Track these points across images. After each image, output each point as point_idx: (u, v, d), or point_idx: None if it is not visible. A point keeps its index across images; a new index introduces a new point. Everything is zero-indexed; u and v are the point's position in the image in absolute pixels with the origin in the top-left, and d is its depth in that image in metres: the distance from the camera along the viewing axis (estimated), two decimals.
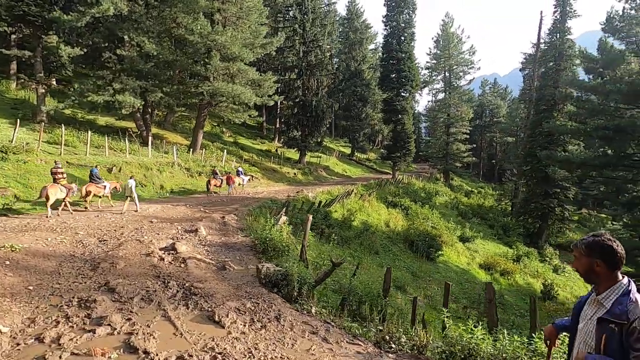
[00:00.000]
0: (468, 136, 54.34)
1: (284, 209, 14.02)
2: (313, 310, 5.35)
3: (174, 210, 13.69)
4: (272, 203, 16.89)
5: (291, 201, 18.15)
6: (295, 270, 5.89)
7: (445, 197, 37.67)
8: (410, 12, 37.64)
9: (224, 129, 42.24)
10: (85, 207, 12.25)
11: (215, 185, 18.89)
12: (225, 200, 17.26)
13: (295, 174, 32.75)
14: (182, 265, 6.85)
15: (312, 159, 40.46)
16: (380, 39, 76.72)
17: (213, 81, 22.68)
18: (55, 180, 10.90)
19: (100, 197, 12.97)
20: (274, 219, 9.52)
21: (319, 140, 39.88)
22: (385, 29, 38.80)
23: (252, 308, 5.02)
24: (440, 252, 19.52)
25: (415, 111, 73.52)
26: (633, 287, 1.87)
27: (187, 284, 5.78)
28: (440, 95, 56.06)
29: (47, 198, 10.16)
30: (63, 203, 11.02)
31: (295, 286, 5.76)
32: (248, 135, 45.19)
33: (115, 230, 9.57)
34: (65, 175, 11.49)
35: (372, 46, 60.86)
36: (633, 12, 15.26)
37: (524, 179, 33.22)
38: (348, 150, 58.36)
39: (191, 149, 24.30)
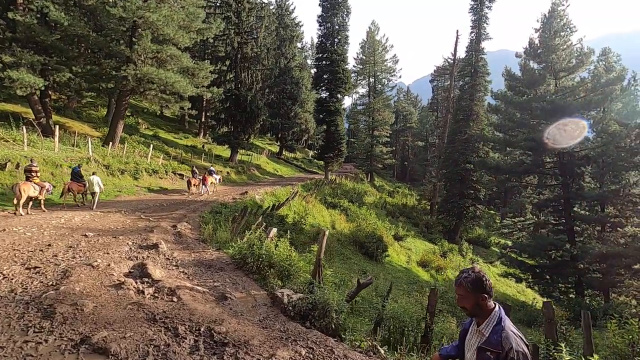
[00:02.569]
0: (389, 139, 58.08)
1: (244, 215, 12.61)
2: (364, 345, 4.56)
3: (108, 219, 11.20)
4: (222, 207, 15.18)
5: (239, 204, 16.65)
6: (333, 298, 5.00)
7: (373, 197, 39.41)
8: (345, 15, 38.24)
9: (139, 120, 37.35)
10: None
11: (195, 185, 18.87)
12: (167, 204, 14.91)
13: (228, 173, 30.49)
14: (174, 298, 5.34)
15: (243, 157, 38.37)
16: (308, 39, 77.37)
17: (141, 65, 19.51)
18: (28, 178, 10.71)
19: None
20: (261, 231, 8.28)
21: (248, 137, 38.03)
22: (320, 29, 38.75)
23: (310, 356, 4.01)
24: (386, 253, 20.07)
25: None
26: (502, 313, 2.10)
27: (202, 328, 4.43)
28: (365, 99, 58.67)
29: (20, 195, 9.97)
30: (31, 202, 10.69)
31: (334, 317, 4.88)
32: (168, 128, 40.75)
33: (42, 250, 7.24)
34: (39, 174, 11.30)
35: (299, 44, 60.65)
36: (556, 41, 17.89)
37: (443, 180, 36.57)
38: (274, 148, 57.17)
39: (110, 143, 20.56)
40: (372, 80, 55.02)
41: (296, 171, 47.86)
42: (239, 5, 31.19)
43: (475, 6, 33.11)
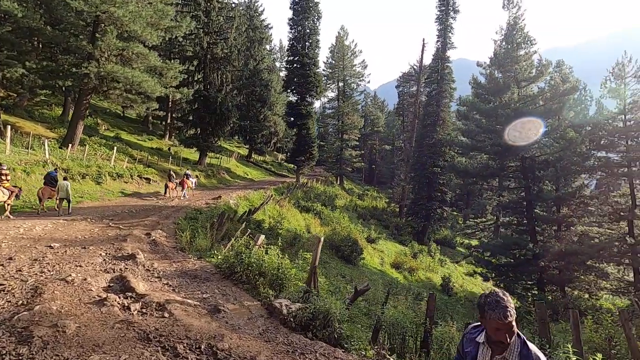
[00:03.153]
0: (358, 143, 58.97)
1: (221, 222, 12.17)
2: (370, 355, 4.51)
3: (73, 227, 10.36)
4: (197, 213, 14.57)
5: (213, 209, 16.09)
6: (336, 307, 4.90)
7: (344, 200, 39.76)
8: (315, 19, 38.47)
9: (99, 121, 35.17)
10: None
11: (172, 188, 18.69)
12: (136, 210, 14.06)
13: (197, 176, 29.39)
14: (164, 314, 4.97)
15: (212, 160, 37.25)
16: (276, 41, 76.82)
17: (104, 62, 18.36)
18: None
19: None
20: (247, 238, 7.99)
21: (217, 140, 37.06)
22: (291, 32, 38.70)
23: None
24: (362, 256, 20.25)
25: None
26: (521, 335, 1.93)
27: (202, 346, 4.15)
28: (334, 103, 59.18)
29: None
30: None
31: (337, 327, 4.78)
32: (131, 129, 38.68)
33: (2, 265, 6.53)
34: (9, 178, 11.18)
35: (268, 47, 60.15)
36: (518, 52, 19.09)
37: (411, 184, 37.64)
38: (243, 151, 56.12)
39: (69, 145, 19.13)
40: (341, 84, 55.62)
41: (266, 174, 47.22)
42: (208, 4, 30.36)
43: (440, 16, 34.54)
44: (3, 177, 10.78)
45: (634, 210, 22.10)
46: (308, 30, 37.89)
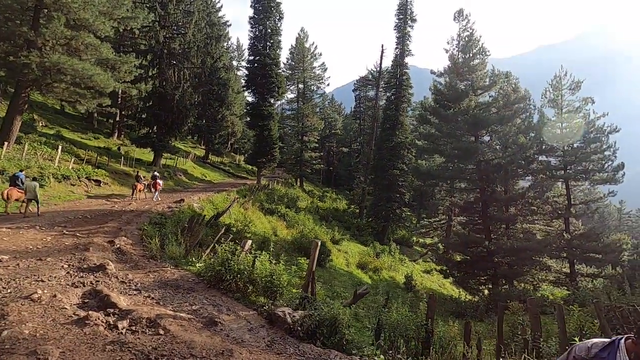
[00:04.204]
0: (318, 145, 59.28)
1: (192, 226, 11.49)
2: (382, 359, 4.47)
3: (20, 236, 9.18)
4: (161, 217, 13.62)
5: (178, 213, 15.18)
6: (344, 313, 4.79)
7: (305, 202, 39.67)
8: (277, 19, 37.98)
9: (35, 116, 31.73)
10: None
11: (140, 190, 18.12)
12: (91, 216, 12.79)
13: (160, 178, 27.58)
14: (159, 330, 4.51)
15: (167, 161, 35.23)
16: (233, 40, 74.73)
17: (49, 52, 16.57)
18: None
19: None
20: (230, 244, 7.56)
21: (174, 140, 35.21)
22: (252, 30, 37.83)
23: None
24: (330, 258, 20.29)
25: None
26: None
27: None
28: (293, 105, 58.95)
29: None
30: None
31: (345, 333, 4.69)
32: (73, 127, 35.37)
33: None
34: None
35: (226, 44, 58.43)
36: (474, 62, 20.40)
37: (371, 185, 38.57)
38: (199, 152, 53.87)
39: (5, 143, 16.96)
40: (301, 86, 55.58)
41: (225, 176, 45.70)
42: None
43: (399, 24, 35.87)
44: None
45: (570, 209, 24.62)
46: (269, 30, 37.31)
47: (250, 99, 38.48)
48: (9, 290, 5.48)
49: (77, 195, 17.46)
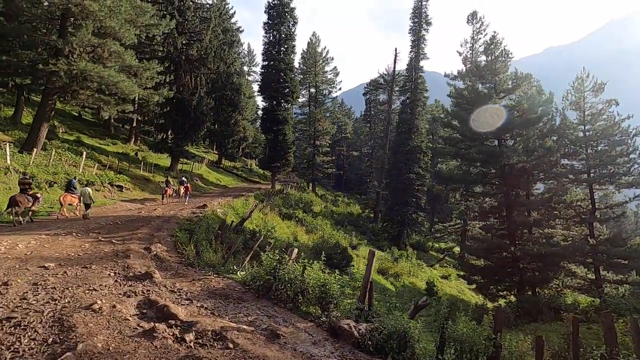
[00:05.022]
0: (329, 149, 59.19)
1: (223, 233, 11.44)
2: None
3: (60, 243, 9.20)
4: (189, 223, 13.61)
5: (203, 219, 15.15)
6: (415, 327, 4.62)
7: (319, 207, 39.54)
8: (291, 24, 38.18)
9: (56, 122, 32.23)
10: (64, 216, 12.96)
11: (169, 194, 19.23)
12: (122, 222, 12.83)
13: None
14: (228, 344, 4.39)
15: (184, 166, 35.46)
16: (245, 46, 75.33)
17: (77, 60, 16.79)
18: (23, 191, 11.61)
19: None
20: (274, 252, 7.44)
21: (190, 145, 35.45)
22: (266, 36, 38.09)
23: None
24: (352, 263, 20.09)
25: None
26: None
27: None
28: (305, 109, 59.00)
29: (16, 206, 10.96)
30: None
31: (416, 348, 4.51)
32: (91, 133, 35.85)
33: (0, 293, 5.52)
34: (32, 186, 12.37)
35: (239, 50, 58.89)
36: (497, 65, 20.15)
37: (386, 189, 38.29)
38: (212, 157, 54.19)
39: (34, 149, 17.18)
40: (312, 90, 55.63)
41: (238, 181, 45.84)
42: (182, 3, 29.05)
43: (414, 28, 35.74)
44: (27, 186, 11.84)
45: (594, 213, 24.03)
46: (283, 36, 37.50)
47: (263, 103, 38.54)
48: (66, 300, 5.43)
49: (102, 201, 17.58)
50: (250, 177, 52.03)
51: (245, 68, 74.25)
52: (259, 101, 73.69)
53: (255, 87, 72.02)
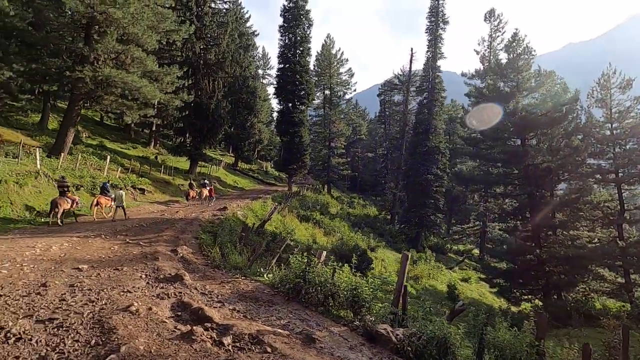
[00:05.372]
0: (344, 151, 59.07)
1: (247, 235, 11.50)
2: None
3: (90, 245, 9.41)
4: (211, 225, 13.75)
5: (224, 221, 15.27)
6: (456, 333, 4.49)
7: (336, 208, 39.40)
8: (306, 27, 38.29)
9: (80, 127, 33.18)
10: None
11: (193, 197, 20.02)
12: (146, 224, 13.06)
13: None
14: (266, 348, 4.37)
15: (202, 169, 35.96)
16: (260, 50, 76.07)
17: (101, 66, 17.23)
18: (62, 193, 12.31)
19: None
20: (301, 255, 7.40)
21: (209, 148, 35.93)
22: (282, 39, 38.31)
23: None
24: (371, 266, 19.89)
25: None
26: None
27: None
28: (320, 111, 59.06)
29: (57, 208, 11.67)
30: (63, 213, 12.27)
31: (457, 354, 4.38)
32: (113, 137, 36.76)
33: (39, 294, 5.73)
34: (70, 188, 13.17)
35: (254, 54, 59.50)
36: (520, 63, 19.70)
37: (403, 191, 37.88)
38: (229, 159, 54.78)
39: (61, 154, 17.72)
40: (327, 92, 55.64)
41: (255, 183, 46.18)
42: (200, 9, 29.53)
43: (431, 27, 35.33)
44: (66, 188, 12.49)
45: (623, 214, 23.13)
46: (299, 38, 37.64)
47: (278, 106, 38.76)
48: (103, 302, 5.51)
49: (126, 203, 17.92)
50: (266, 179, 52.36)
51: (260, 71, 74.95)
52: (274, 104, 74.26)
53: (270, 90, 72.65)
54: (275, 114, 75.44)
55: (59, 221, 11.89)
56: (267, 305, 6.29)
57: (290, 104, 37.70)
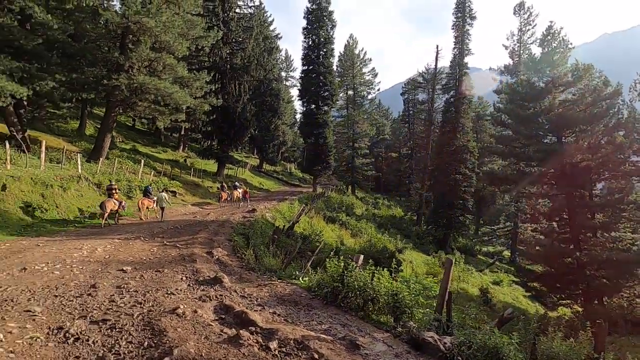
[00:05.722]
0: (368, 151, 58.64)
1: (277, 237, 11.59)
2: None
3: (131, 247, 9.76)
4: (242, 227, 13.96)
5: (254, 223, 15.48)
6: (510, 343, 4.31)
7: (361, 209, 39.13)
8: (329, 28, 38.32)
9: (114, 133, 34.67)
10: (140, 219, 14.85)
11: (224, 199, 20.95)
12: (180, 227, 13.44)
13: (218, 188, 28.82)
14: (313, 354, 4.34)
15: (229, 171, 36.69)
16: (283, 53, 76.86)
17: (136, 73, 17.91)
18: (110, 196, 13.29)
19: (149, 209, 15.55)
20: (341, 258, 7.36)
21: (235, 151, 36.62)
22: (305, 41, 38.51)
23: None
24: (401, 268, 19.60)
25: None
26: None
27: None
28: (343, 111, 58.91)
29: (105, 210, 12.61)
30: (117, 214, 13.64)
31: None
32: (144, 141, 38.20)
33: (90, 295, 5.96)
34: (118, 191, 14.15)
35: (277, 56, 60.13)
36: (555, 57, 18.83)
37: (430, 191, 37.11)
38: (253, 161, 55.64)
39: (99, 158, 18.55)
40: (350, 92, 55.39)
41: (280, 184, 46.66)
42: (227, 14, 30.15)
43: (457, 23, 34.46)
44: (114, 192, 13.50)
45: None
46: (322, 39, 37.71)
47: (301, 108, 39.01)
48: (150, 304, 5.68)
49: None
50: (290, 180, 52.77)
51: (283, 73, 75.75)
52: (297, 106, 74.86)
53: (293, 92, 73.33)
54: (298, 116, 76.01)
55: (108, 222, 12.94)
56: (307, 309, 6.29)
57: (314, 106, 37.84)
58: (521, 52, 37.78)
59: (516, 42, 37.28)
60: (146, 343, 4.35)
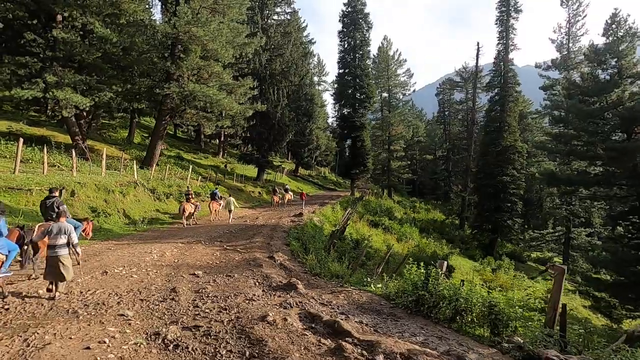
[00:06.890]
0: (404, 154, 57.40)
1: (333, 242, 11.30)
2: None
3: (195, 251, 9.82)
4: (295, 232, 13.82)
5: (304, 227, 15.29)
6: None
7: (399, 213, 38.14)
8: (365, 30, 37.93)
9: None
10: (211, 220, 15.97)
11: (277, 202, 22.30)
12: (235, 231, 13.51)
13: (260, 193, 29.16)
14: None
15: (267, 176, 37.08)
16: (316, 58, 77.40)
17: (185, 82, 18.42)
18: (187, 200, 14.62)
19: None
20: (422, 264, 6.93)
21: (275, 155, 36.97)
22: (341, 44, 38.40)
23: None
24: (452, 274, 18.71)
25: None
26: None
27: None
28: (378, 114, 58.12)
29: (184, 212, 14.08)
30: (193, 216, 14.89)
31: None
32: (186, 148, 39.50)
33: (173, 299, 5.93)
34: (194, 196, 15.76)
35: (311, 61, 60.55)
36: (622, 47, 17.32)
37: (474, 194, 35.53)
38: (289, 166, 56.06)
39: (153, 165, 19.23)
40: (385, 95, 54.58)
41: (316, 188, 46.58)
42: (265, 21, 30.59)
43: (501, 17, 32.96)
44: (190, 196, 14.91)
45: None
46: (358, 42, 37.39)
47: (334, 112, 38.75)
48: (234, 310, 5.54)
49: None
50: (325, 184, 52.61)
51: (316, 78, 76.15)
52: (329, 110, 75.00)
53: (325, 96, 73.47)
54: (330, 120, 75.98)
55: (186, 223, 14.27)
56: (393, 319, 5.91)
57: (350, 109, 37.50)
58: (570, 45, 35.51)
59: (564, 35, 35.16)
60: (247, 353, 4.16)
